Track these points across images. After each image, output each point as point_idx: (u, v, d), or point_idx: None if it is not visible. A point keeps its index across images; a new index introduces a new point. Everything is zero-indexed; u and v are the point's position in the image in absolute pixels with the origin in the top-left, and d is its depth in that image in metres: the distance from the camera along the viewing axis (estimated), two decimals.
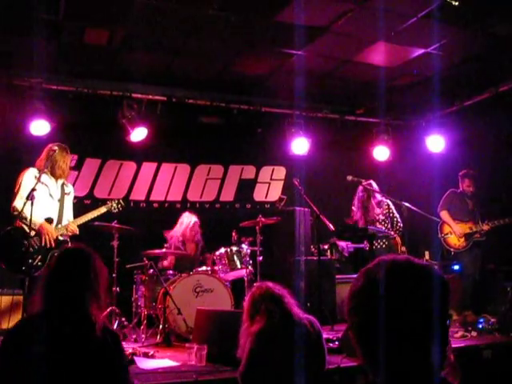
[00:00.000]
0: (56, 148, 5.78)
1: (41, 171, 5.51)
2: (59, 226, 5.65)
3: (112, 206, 6.28)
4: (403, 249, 7.72)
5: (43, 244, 5.46)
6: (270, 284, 3.95)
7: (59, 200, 5.75)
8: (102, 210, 6.13)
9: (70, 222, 5.77)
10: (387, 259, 1.44)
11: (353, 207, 8.28)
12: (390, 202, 7.94)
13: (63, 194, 5.82)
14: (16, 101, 7.45)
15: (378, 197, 8.04)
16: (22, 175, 5.62)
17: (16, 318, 5.26)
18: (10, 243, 5.23)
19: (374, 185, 8.02)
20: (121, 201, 6.39)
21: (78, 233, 5.79)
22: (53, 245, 5.51)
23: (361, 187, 8.03)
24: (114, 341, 2.73)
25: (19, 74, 7.42)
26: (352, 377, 4.80)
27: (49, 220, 5.58)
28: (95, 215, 5.99)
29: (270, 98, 8.89)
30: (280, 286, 3.96)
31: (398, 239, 7.89)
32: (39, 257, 5.41)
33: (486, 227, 7.71)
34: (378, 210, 8.03)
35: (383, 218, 7.93)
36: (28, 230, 5.37)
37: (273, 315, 3.75)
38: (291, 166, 9.43)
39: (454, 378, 1.46)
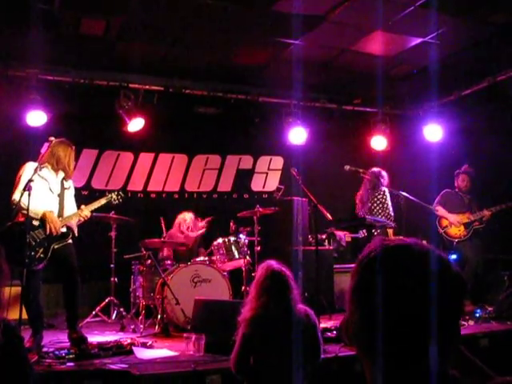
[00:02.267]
0: (53, 142, 5.75)
1: (41, 165, 5.49)
2: (60, 219, 5.63)
3: (112, 197, 6.23)
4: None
5: (48, 232, 5.44)
6: (285, 273, 3.93)
7: (59, 195, 5.72)
8: (102, 201, 6.08)
9: (82, 207, 5.76)
10: (380, 243, 1.36)
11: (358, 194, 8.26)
12: (386, 190, 7.95)
13: (63, 188, 5.79)
14: (12, 92, 7.43)
15: (383, 187, 8.01)
16: (22, 169, 5.59)
17: (14, 309, 5.26)
18: (12, 238, 5.20)
19: (384, 174, 8.02)
20: (120, 192, 6.34)
21: (88, 217, 5.79)
22: (58, 232, 5.49)
23: (368, 176, 7.97)
24: (17, 342, 2.47)
25: (15, 64, 7.38)
26: (350, 366, 4.82)
27: None
28: (95, 207, 5.97)
29: (268, 87, 8.85)
30: (289, 272, 3.96)
31: (390, 230, 7.90)
32: (41, 249, 5.39)
33: (486, 213, 7.74)
34: (374, 198, 8.01)
35: (377, 203, 7.93)
36: (31, 221, 5.37)
37: (269, 305, 3.76)
38: (289, 156, 9.43)
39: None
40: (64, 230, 5.64)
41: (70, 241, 5.69)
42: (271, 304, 3.77)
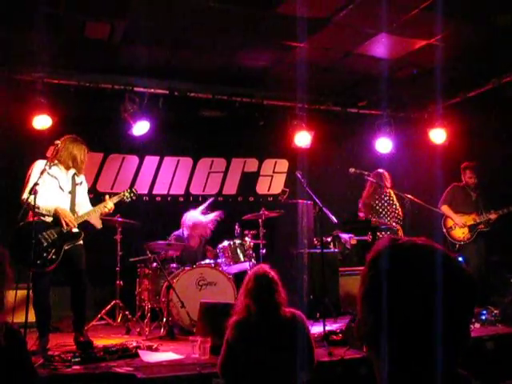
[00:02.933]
0: (66, 139, 5.75)
1: (50, 163, 5.49)
2: (74, 216, 5.63)
3: (124, 195, 6.22)
4: None
5: (64, 228, 5.44)
6: (270, 276, 3.93)
7: (70, 192, 5.71)
8: (115, 200, 6.07)
9: (107, 197, 5.81)
10: (388, 242, 1.34)
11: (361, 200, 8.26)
12: (391, 192, 7.95)
13: (74, 184, 5.77)
14: (18, 96, 7.46)
15: (387, 188, 8.01)
16: (31, 168, 5.59)
17: (20, 312, 5.26)
18: (23, 239, 5.18)
19: (387, 175, 8.02)
20: (133, 189, 6.32)
21: (113, 210, 5.83)
22: (75, 225, 5.51)
23: (371, 178, 7.95)
24: (19, 343, 2.44)
25: (21, 68, 7.41)
26: (355, 368, 4.81)
27: None
28: (116, 201, 5.99)
29: (272, 90, 8.86)
30: (274, 274, 3.96)
31: (401, 231, 7.88)
32: (53, 250, 5.37)
33: (493, 216, 7.69)
34: (380, 199, 8.00)
35: (384, 205, 7.92)
36: (45, 219, 5.41)
37: (252, 308, 3.75)
38: (294, 159, 9.42)
39: None
40: (76, 230, 5.63)
41: (81, 242, 5.69)
42: (254, 307, 3.76)
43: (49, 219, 5.44)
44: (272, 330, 3.72)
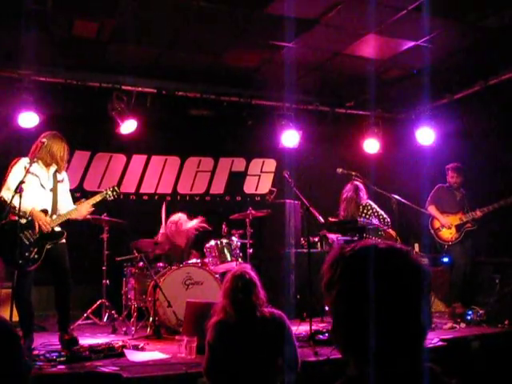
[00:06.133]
0: (45, 136, 5.71)
1: (31, 161, 5.45)
2: (54, 216, 5.58)
3: (107, 193, 6.19)
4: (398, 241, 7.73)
5: (37, 230, 5.40)
6: (247, 276, 3.92)
7: (51, 190, 5.67)
8: (98, 198, 6.04)
9: (82, 201, 5.78)
10: (370, 245, 1.42)
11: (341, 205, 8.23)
12: (371, 202, 7.91)
13: (56, 182, 5.73)
14: (4, 93, 7.40)
15: (363, 198, 7.98)
16: (12, 165, 5.56)
17: (4, 310, 5.23)
18: (5, 237, 5.17)
19: (361, 186, 8.00)
20: (116, 188, 6.30)
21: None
22: (49, 229, 5.46)
23: (348, 186, 7.99)
24: (10, 338, 2.34)
25: (8, 65, 7.36)
26: (342, 368, 4.81)
27: (44, 211, 5.52)
28: (91, 203, 5.94)
29: (261, 90, 8.86)
30: (254, 274, 3.95)
31: (392, 232, 7.88)
32: (35, 249, 5.34)
33: (478, 213, 7.71)
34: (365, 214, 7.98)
35: (372, 217, 7.91)
36: (20, 220, 5.34)
37: (229, 309, 3.76)
38: (281, 159, 9.43)
39: None
40: (58, 229, 5.59)
41: (64, 241, 5.66)
42: (231, 308, 3.76)
43: (23, 221, 5.37)
44: (250, 330, 3.71)
